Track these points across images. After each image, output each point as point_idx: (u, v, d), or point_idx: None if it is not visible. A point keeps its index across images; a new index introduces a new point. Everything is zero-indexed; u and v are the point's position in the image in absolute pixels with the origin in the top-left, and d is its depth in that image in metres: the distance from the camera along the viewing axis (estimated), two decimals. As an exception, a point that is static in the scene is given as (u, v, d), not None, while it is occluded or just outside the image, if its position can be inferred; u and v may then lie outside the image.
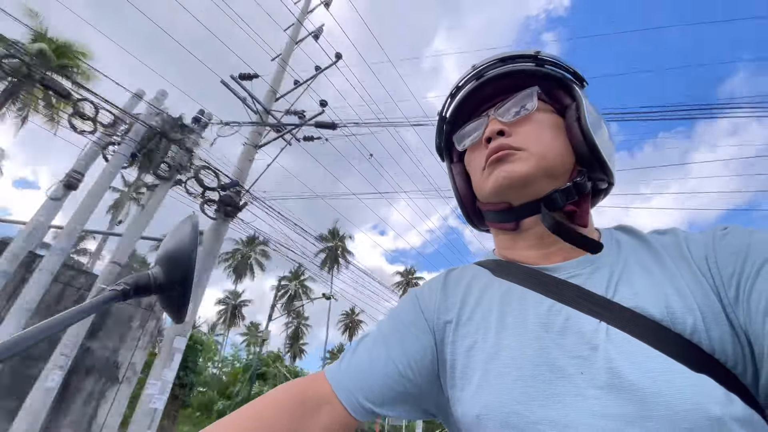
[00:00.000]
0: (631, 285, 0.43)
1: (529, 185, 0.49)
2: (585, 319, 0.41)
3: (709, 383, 0.33)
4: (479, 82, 0.57)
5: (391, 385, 0.47)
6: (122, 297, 0.37)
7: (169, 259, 0.40)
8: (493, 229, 0.61)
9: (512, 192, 0.51)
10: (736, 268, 0.39)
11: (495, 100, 0.57)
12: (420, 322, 0.51)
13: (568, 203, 0.49)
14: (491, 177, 0.51)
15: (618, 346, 0.38)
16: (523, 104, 0.53)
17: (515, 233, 0.55)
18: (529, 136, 0.51)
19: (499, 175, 0.50)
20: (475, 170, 0.56)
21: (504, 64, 0.57)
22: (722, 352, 0.36)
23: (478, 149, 0.55)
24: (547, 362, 0.40)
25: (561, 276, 0.47)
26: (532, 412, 0.38)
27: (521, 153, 0.50)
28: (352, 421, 0.48)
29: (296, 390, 0.48)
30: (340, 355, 0.54)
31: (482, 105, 0.58)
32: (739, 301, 0.37)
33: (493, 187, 0.51)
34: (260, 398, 0.47)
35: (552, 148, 0.51)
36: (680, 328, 0.37)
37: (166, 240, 0.42)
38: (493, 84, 0.57)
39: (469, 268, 0.58)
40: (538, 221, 0.51)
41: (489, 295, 0.50)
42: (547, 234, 0.51)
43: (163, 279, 0.40)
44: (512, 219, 0.53)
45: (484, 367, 0.43)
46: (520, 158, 0.49)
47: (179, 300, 0.40)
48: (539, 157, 0.49)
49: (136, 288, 0.38)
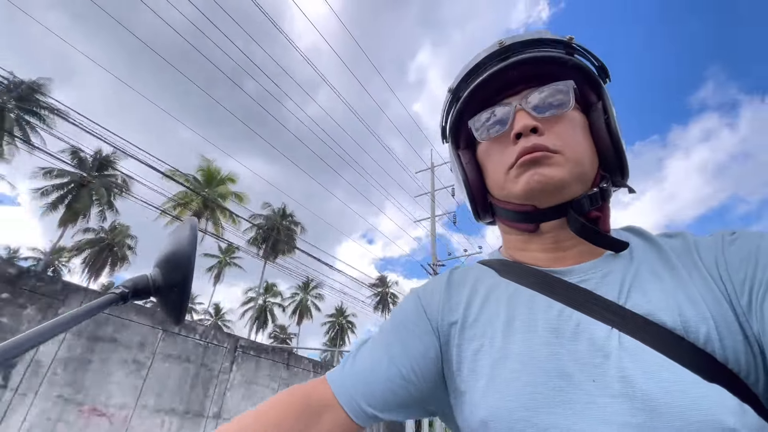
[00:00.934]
0: (643, 291, 0.41)
1: (563, 191, 0.46)
2: (597, 325, 0.40)
3: (723, 394, 0.32)
4: (505, 64, 0.50)
5: (394, 390, 0.46)
6: (121, 300, 0.37)
7: (168, 261, 0.40)
8: (503, 227, 0.56)
9: (544, 196, 0.47)
10: (747, 274, 0.38)
11: (519, 87, 0.51)
12: (423, 323, 0.50)
13: (593, 209, 0.47)
14: (522, 178, 0.47)
15: (631, 355, 0.37)
16: (558, 100, 0.48)
17: (531, 235, 0.52)
18: (565, 138, 0.47)
19: (532, 179, 0.46)
20: (497, 165, 0.51)
21: (534, 47, 0.50)
22: (735, 361, 0.35)
23: (501, 142, 0.50)
24: (557, 368, 0.39)
25: (571, 280, 0.46)
26: (541, 419, 0.37)
27: (557, 156, 0.46)
28: (355, 427, 0.47)
29: (299, 395, 0.47)
30: (342, 358, 0.53)
31: (504, 90, 0.52)
32: (752, 309, 0.36)
33: (524, 189, 0.47)
34: (263, 404, 0.46)
35: (585, 153, 0.48)
36: (693, 337, 0.36)
37: (165, 243, 0.42)
38: (519, 69, 0.50)
39: (474, 267, 0.56)
40: (558, 225, 0.49)
41: (495, 297, 0.48)
42: (565, 238, 0.49)
43: (161, 281, 0.39)
44: (534, 221, 0.50)
45: (492, 371, 0.42)
46: (557, 163, 0.46)
47: (178, 302, 0.39)
48: (574, 163, 0.46)
49: (134, 291, 0.38)
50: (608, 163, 0.49)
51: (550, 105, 0.48)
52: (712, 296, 0.39)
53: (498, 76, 0.51)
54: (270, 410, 0.45)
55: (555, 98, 0.48)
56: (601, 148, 0.49)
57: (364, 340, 0.53)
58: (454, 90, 0.56)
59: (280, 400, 0.46)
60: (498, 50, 0.51)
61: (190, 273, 0.39)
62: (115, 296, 0.37)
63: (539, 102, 0.48)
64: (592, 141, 0.50)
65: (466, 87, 0.54)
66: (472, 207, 0.58)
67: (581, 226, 0.46)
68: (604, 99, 0.51)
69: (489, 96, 0.52)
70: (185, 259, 0.39)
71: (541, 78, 0.49)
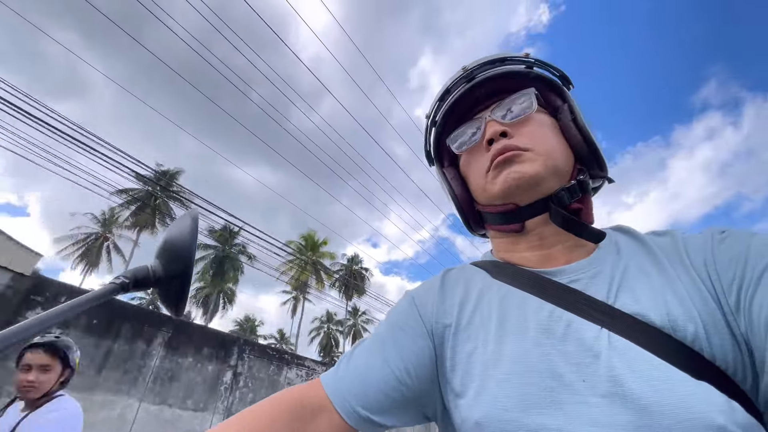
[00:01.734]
0: (631, 291, 0.42)
1: (539, 185, 0.49)
2: (586, 325, 0.40)
3: (711, 391, 0.33)
4: (471, 85, 0.55)
5: (388, 392, 0.46)
6: (121, 290, 0.37)
7: (169, 252, 0.40)
8: (492, 232, 0.59)
9: (522, 192, 0.50)
10: (736, 273, 0.38)
11: (487, 102, 0.56)
12: (417, 325, 0.50)
13: (574, 201, 0.50)
14: (499, 178, 0.50)
15: (620, 354, 0.37)
16: (521, 105, 0.53)
17: (517, 235, 0.54)
18: (533, 137, 0.51)
19: (508, 177, 0.49)
20: (476, 173, 0.55)
21: (494, 66, 0.56)
22: (723, 359, 0.35)
23: (477, 152, 0.54)
24: (548, 369, 0.39)
25: (561, 280, 0.46)
26: (532, 420, 0.37)
27: (528, 153, 0.49)
28: (349, 430, 0.46)
29: (292, 397, 0.46)
30: (337, 360, 0.52)
31: (474, 107, 0.57)
32: (740, 309, 0.37)
33: (502, 188, 0.50)
34: (255, 406, 0.45)
35: (555, 148, 0.51)
36: (681, 335, 0.37)
37: (165, 233, 0.42)
38: (485, 86, 0.55)
39: (467, 268, 0.56)
40: (541, 221, 0.51)
41: (488, 299, 0.49)
42: (549, 234, 0.51)
43: (162, 272, 0.40)
44: (518, 220, 0.52)
45: (485, 373, 0.42)
46: (528, 158, 0.49)
47: (178, 293, 0.40)
48: (546, 157, 0.49)
49: (135, 281, 0.38)
50: (583, 157, 0.53)
51: (515, 110, 0.53)
52: (700, 295, 0.39)
53: (466, 97, 0.57)
54: (262, 413, 0.44)
55: (519, 104, 0.53)
56: (574, 144, 0.53)
57: (358, 343, 0.53)
58: (431, 116, 0.62)
59: (273, 402, 0.45)
60: (462, 75, 0.57)
61: (191, 264, 0.40)
62: (116, 286, 0.37)
63: (505, 110, 0.53)
64: (563, 139, 0.53)
65: (439, 111, 0.60)
66: (462, 218, 0.61)
67: (563, 217, 0.48)
68: (569, 102, 0.55)
69: (462, 115, 0.58)
70: (186, 250, 0.40)
71: (506, 92, 0.55)
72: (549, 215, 0.50)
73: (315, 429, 0.44)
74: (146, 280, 0.39)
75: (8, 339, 0.30)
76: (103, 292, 0.36)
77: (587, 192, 0.51)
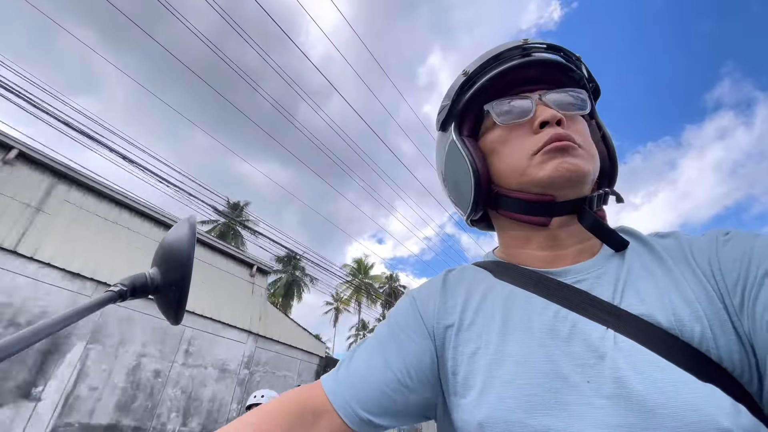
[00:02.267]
0: (637, 291, 0.42)
1: (586, 184, 0.48)
2: (592, 326, 0.40)
3: (717, 394, 0.32)
4: (526, 60, 0.52)
5: (389, 394, 0.46)
6: (119, 298, 0.37)
7: (167, 260, 0.40)
8: (505, 222, 0.56)
9: (568, 186, 0.47)
10: (740, 274, 0.38)
11: (533, 85, 0.53)
12: (418, 327, 0.50)
13: (598, 209, 0.51)
14: (550, 164, 0.47)
15: (626, 355, 0.37)
16: (579, 102, 0.51)
17: (533, 231, 0.52)
18: (584, 136, 0.50)
19: (561, 166, 0.46)
20: (516, 152, 0.50)
21: (556, 53, 0.53)
22: (729, 360, 0.35)
23: (521, 130, 0.50)
24: (553, 370, 0.39)
25: (566, 280, 0.46)
26: (536, 421, 0.37)
27: (582, 150, 0.48)
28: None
29: (293, 401, 0.46)
30: (338, 363, 0.52)
31: (518, 85, 0.53)
32: (744, 309, 0.36)
33: (551, 176, 0.46)
34: (257, 410, 0.45)
35: (596, 155, 0.51)
36: (688, 336, 0.36)
37: (163, 241, 0.42)
38: (537, 68, 0.52)
39: (469, 268, 0.56)
40: (563, 222, 0.51)
41: (491, 299, 0.48)
42: (567, 236, 0.51)
43: (160, 280, 0.39)
44: (548, 214, 0.49)
45: (488, 373, 0.42)
46: (582, 155, 0.48)
47: (176, 301, 0.39)
48: (593, 160, 0.49)
49: (133, 289, 0.38)
50: (604, 172, 0.53)
51: (572, 105, 0.51)
52: (706, 295, 0.39)
53: (518, 70, 0.52)
54: (263, 417, 0.43)
55: (576, 100, 0.51)
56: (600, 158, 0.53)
57: (359, 344, 0.52)
58: (470, 74, 0.55)
59: (274, 406, 0.45)
60: (522, 46, 0.53)
61: (189, 271, 0.39)
62: (113, 294, 0.36)
63: (561, 100, 0.50)
64: None
65: (483, 73, 0.54)
66: (474, 197, 0.54)
67: (594, 221, 0.48)
68: (596, 117, 0.56)
69: (504, 87, 0.53)
70: (184, 257, 0.39)
71: (552, 83, 0.53)
72: (578, 217, 0.50)
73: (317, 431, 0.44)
74: (144, 287, 0.38)
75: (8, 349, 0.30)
76: (101, 301, 0.36)
77: (606, 203, 0.52)
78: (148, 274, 0.39)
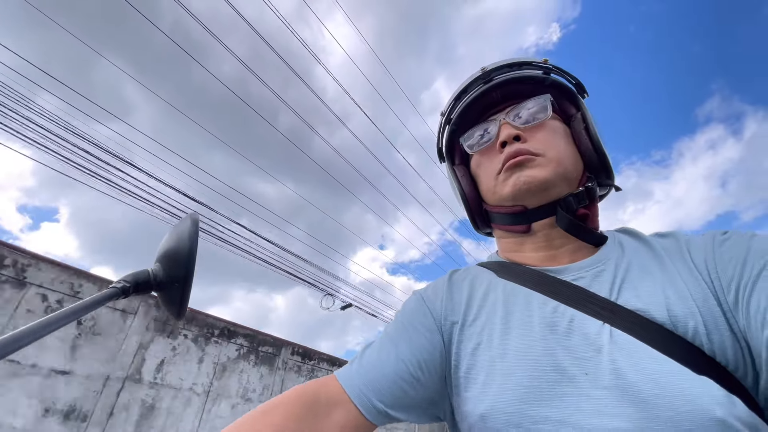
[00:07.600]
0: (633, 287, 0.43)
1: (548, 189, 0.51)
2: (589, 320, 0.41)
3: (711, 385, 0.33)
4: (488, 86, 0.56)
5: (402, 386, 0.46)
6: (122, 294, 0.37)
7: (170, 256, 0.40)
8: (499, 231, 0.60)
9: (531, 196, 0.51)
10: (735, 273, 0.39)
11: (502, 105, 0.57)
12: (428, 322, 0.51)
13: (580, 207, 0.51)
14: (509, 181, 0.52)
15: (622, 348, 0.38)
16: (537, 111, 0.54)
17: (524, 236, 0.55)
18: (546, 142, 0.52)
19: (518, 180, 0.51)
20: (487, 174, 0.56)
21: (513, 69, 0.57)
22: (722, 355, 0.36)
23: (490, 153, 0.56)
24: (552, 363, 0.40)
25: (565, 278, 0.47)
26: (536, 412, 0.38)
27: (540, 158, 0.51)
28: (367, 423, 0.46)
29: (308, 392, 0.46)
30: (350, 359, 0.53)
31: (489, 109, 0.58)
32: (738, 306, 0.37)
33: (512, 191, 0.51)
34: (271, 401, 0.45)
35: (566, 155, 0.53)
36: (682, 331, 0.38)
37: (166, 237, 0.42)
38: (502, 89, 0.57)
39: (473, 269, 0.57)
40: (548, 224, 0.52)
41: (493, 296, 0.50)
42: (556, 236, 0.52)
43: (162, 276, 0.39)
44: (525, 221, 0.54)
45: (490, 367, 0.43)
46: (540, 164, 0.50)
47: (179, 298, 0.39)
48: (556, 163, 0.51)
49: (135, 285, 0.38)
50: (592, 165, 0.54)
51: (530, 115, 0.54)
52: (700, 292, 0.40)
53: (482, 97, 0.58)
54: (277, 408, 0.43)
55: (534, 109, 0.54)
56: (584, 151, 0.54)
57: (369, 343, 0.53)
58: (445, 113, 0.63)
59: (288, 397, 0.45)
60: (481, 75, 0.58)
61: (192, 268, 0.39)
62: (116, 290, 0.36)
63: (520, 114, 0.55)
64: (574, 146, 0.55)
65: (455, 110, 0.61)
66: (469, 215, 0.62)
67: (568, 222, 0.50)
68: (582, 110, 0.57)
69: (477, 115, 0.59)
70: (187, 254, 0.39)
71: (522, 96, 0.56)
72: (555, 219, 0.51)
73: (331, 422, 0.44)
74: (147, 284, 0.38)
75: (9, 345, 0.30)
76: (104, 297, 0.36)
77: (594, 199, 0.53)
78: (151, 270, 0.39)
